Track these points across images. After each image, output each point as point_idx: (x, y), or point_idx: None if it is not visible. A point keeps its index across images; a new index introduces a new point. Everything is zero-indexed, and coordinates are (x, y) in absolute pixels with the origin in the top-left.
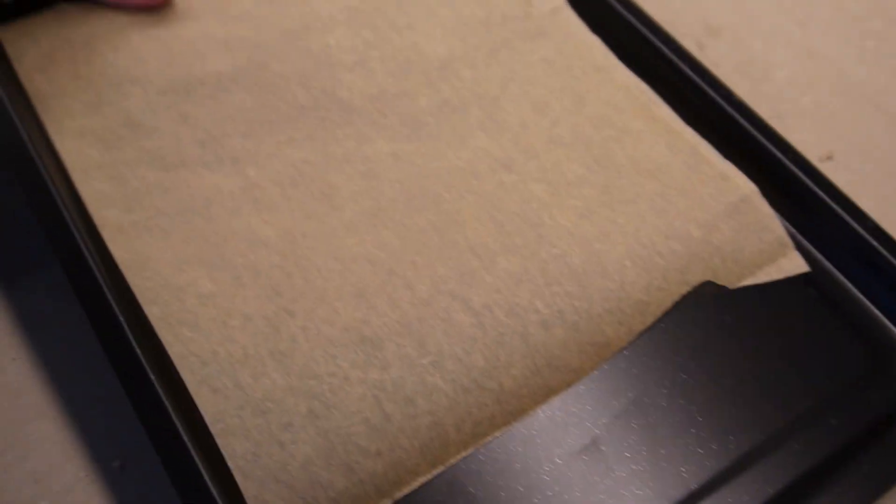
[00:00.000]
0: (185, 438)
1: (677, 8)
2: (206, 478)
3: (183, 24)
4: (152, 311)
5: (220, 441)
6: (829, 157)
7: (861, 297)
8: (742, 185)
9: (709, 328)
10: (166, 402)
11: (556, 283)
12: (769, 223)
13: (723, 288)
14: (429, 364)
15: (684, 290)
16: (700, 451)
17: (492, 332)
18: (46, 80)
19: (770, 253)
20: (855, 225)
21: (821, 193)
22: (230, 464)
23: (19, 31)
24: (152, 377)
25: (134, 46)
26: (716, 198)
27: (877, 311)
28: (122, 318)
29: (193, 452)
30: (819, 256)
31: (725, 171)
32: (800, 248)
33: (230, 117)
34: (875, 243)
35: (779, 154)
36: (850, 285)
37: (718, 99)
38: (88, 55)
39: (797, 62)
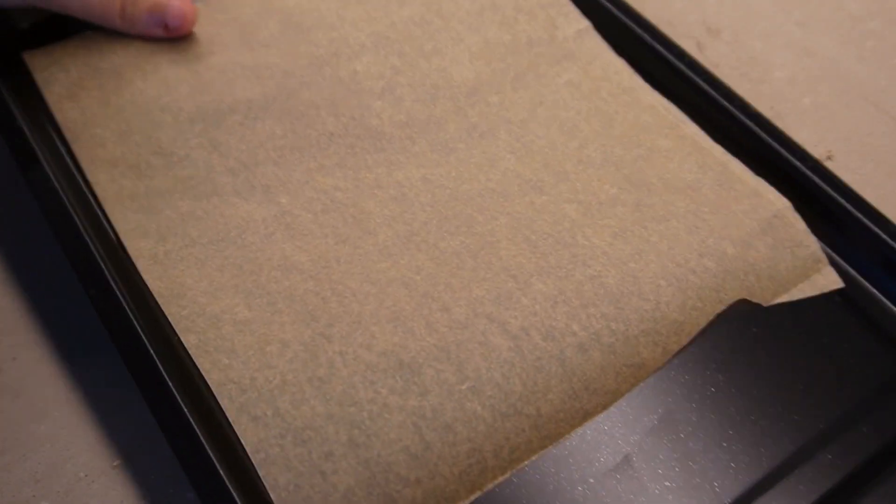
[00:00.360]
0: (221, 472)
1: (677, 8)
2: None
3: (210, 51)
4: (189, 340)
5: (262, 472)
6: (829, 157)
7: (893, 308)
8: (775, 201)
9: (737, 341)
10: (198, 431)
11: (592, 304)
12: (803, 239)
13: (757, 304)
14: (467, 390)
15: (719, 308)
16: (732, 465)
17: (529, 356)
18: (77, 109)
19: (804, 269)
20: (886, 238)
21: (850, 207)
22: (272, 495)
23: (46, 57)
24: (185, 409)
25: (163, 74)
26: (749, 214)
27: None
28: (152, 350)
29: (229, 484)
30: (847, 268)
31: (757, 188)
32: (830, 261)
33: (261, 145)
34: None
35: (806, 170)
36: (880, 296)
37: (745, 119)
38: (117, 83)
39: (797, 62)
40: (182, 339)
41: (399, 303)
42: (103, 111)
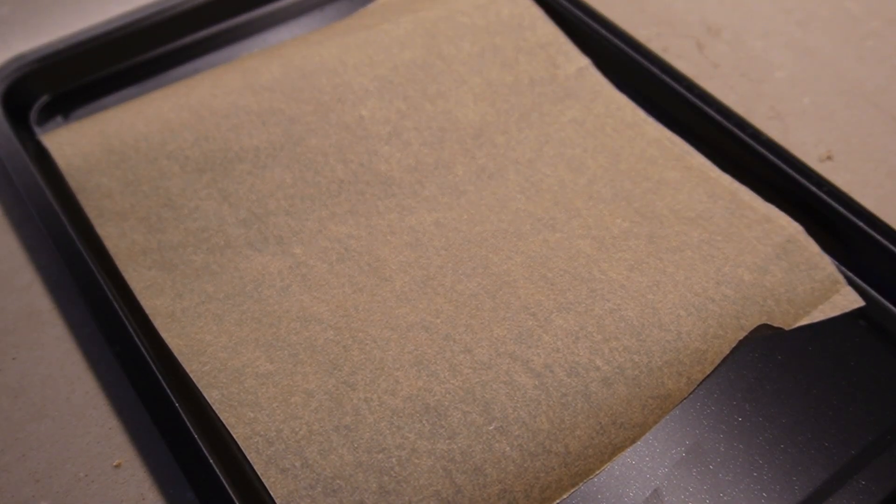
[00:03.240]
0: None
1: (677, 8)
2: None
3: (213, 94)
4: (212, 395)
5: None
6: (829, 157)
7: None
8: (787, 226)
9: (762, 369)
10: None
11: (614, 338)
12: (818, 261)
13: (779, 329)
14: (495, 430)
15: (741, 335)
16: (764, 494)
17: (555, 393)
18: (80, 156)
19: (823, 291)
20: None
21: (863, 225)
22: None
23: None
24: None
25: (165, 118)
26: (762, 240)
27: None
28: (179, 407)
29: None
30: (869, 290)
31: (768, 214)
32: (850, 282)
33: (271, 194)
34: None
35: (818, 191)
36: None
37: (753, 143)
38: (119, 127)
39: (797, 62)
40: (205, 394)
41: (421, 347)
42: (107, 157)
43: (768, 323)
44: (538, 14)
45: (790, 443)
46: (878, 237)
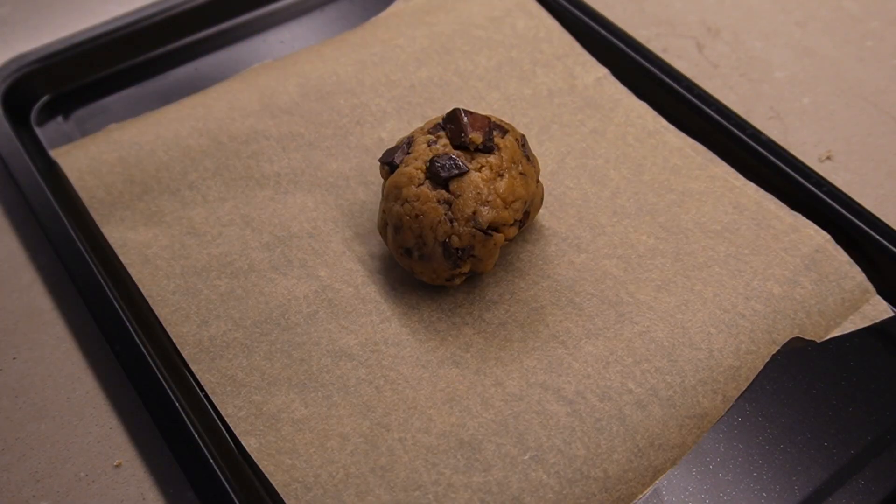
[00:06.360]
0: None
1: (677, 8)
2: None
3: (231, 117)
4: (250, 444)
5: None
6: (829, 157)
7: None
8: (814, 235)
9: (762, 370)
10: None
11: (645, 360)
12: (848, 270)
13: (810, 342)
14: (530, 459)
15: (773, 349)
16: (763, 494)
17: (588, 419)
18: (102, 188)
19: (853, 301)
20: None
21: (863, 226)
22: None
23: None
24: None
25: (184, 144)
26: (790, 252)
27: None
28: (180, 407)
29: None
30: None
31: (795, 224)
32: None
33: (293, 218)
34: None
35: (817, 191)
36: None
37: (753, 144)
38: (138, 155)
39: (797, 62)
40: (242, 441)
41: (452, 383)
42: (129, 188)
43: (800, 336)
44: (553, 25)
45: (790, 443)
46: (878, 237)
